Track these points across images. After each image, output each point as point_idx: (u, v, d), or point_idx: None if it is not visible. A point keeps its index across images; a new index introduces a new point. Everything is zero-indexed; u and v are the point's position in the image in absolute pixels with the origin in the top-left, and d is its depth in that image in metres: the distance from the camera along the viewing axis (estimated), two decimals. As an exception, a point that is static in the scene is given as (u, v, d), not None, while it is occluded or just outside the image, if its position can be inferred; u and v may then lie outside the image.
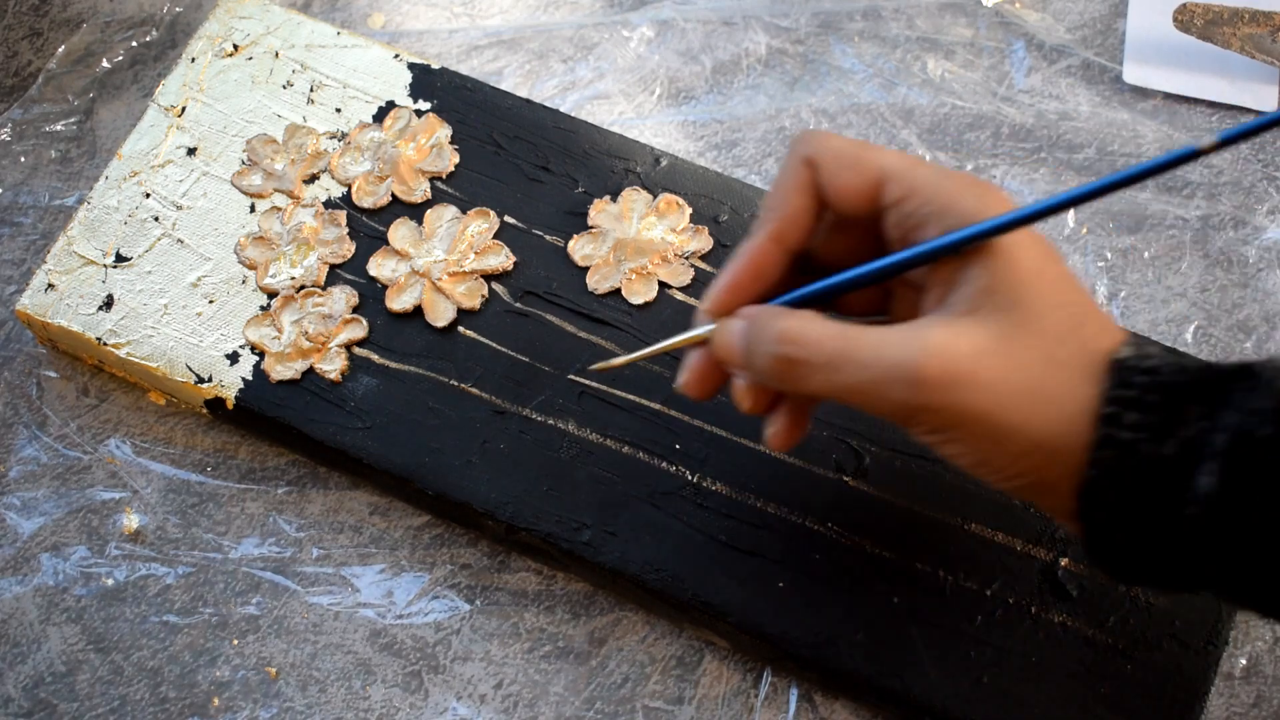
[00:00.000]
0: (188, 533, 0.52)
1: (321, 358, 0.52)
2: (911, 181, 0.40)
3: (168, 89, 0.57)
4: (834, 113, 0.60)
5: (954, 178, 0.40)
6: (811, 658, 0.47)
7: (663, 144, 0.59)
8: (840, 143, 0.41)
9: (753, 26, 0.62)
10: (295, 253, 0.54)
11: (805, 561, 0.48)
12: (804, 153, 0.42)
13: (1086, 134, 0.59)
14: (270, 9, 0.59)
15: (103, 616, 0.51)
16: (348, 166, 0.55)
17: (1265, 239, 0.57)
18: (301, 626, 0.51)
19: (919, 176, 0.40)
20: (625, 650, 0.50)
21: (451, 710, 0.49)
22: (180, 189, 0.55)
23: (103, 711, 0.50)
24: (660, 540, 0.49)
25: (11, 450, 0.54)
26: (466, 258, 0.53)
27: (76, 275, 0.54)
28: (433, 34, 0.62)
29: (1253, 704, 0.48)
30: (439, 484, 0.50)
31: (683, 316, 0.52)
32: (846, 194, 0.41)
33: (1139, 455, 0.36)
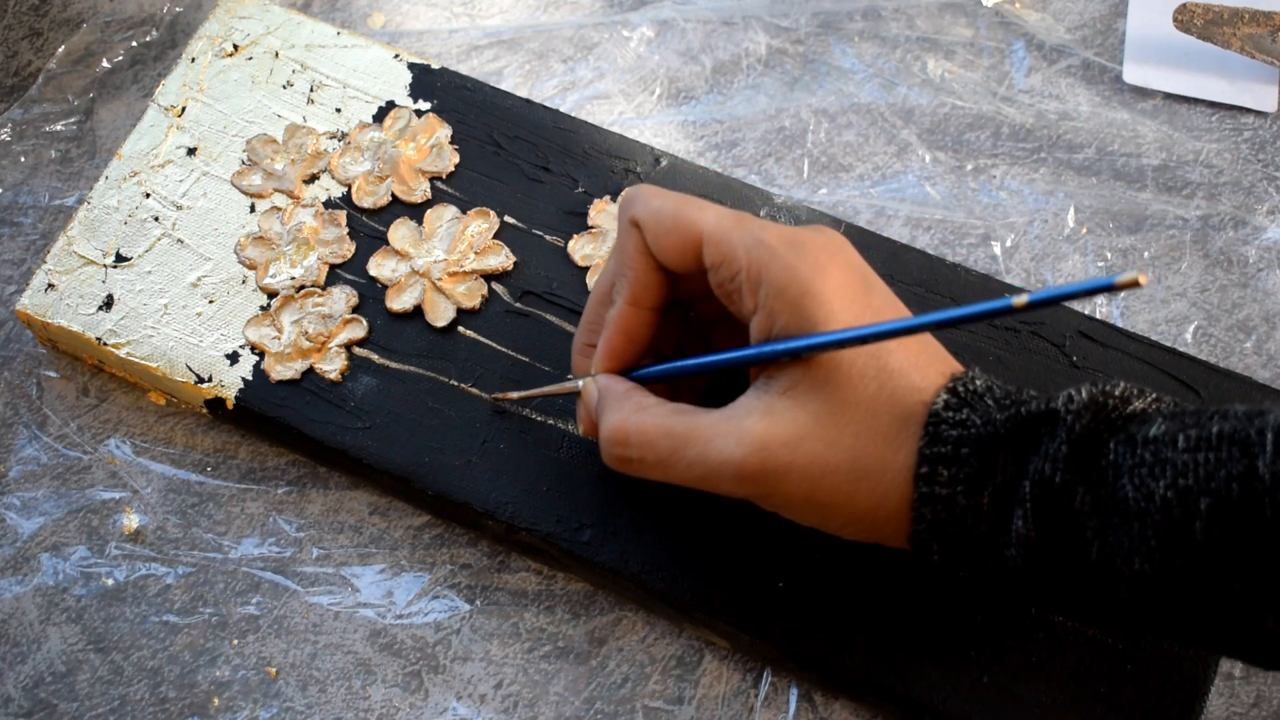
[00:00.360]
0: (188, 533, 0.52)
1: (321, 358, 0.52)
2: (725, 247, 0.41)
3: (168, 89, 0.57)
4: (834, 113, 0.60)
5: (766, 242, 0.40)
6: (811, 658, 0.47)
7: (663, 144, 0.59)
8: (660, 202, 0.42)
9: (753, 26, 0.62)
10: (295, 253, 0.54)
11: (805, 561, 0.48)
12: (629, 214, 0.43)
13: (1086, 134, 0.59)
14: (270, 9, 0.59)
15: (103, 616, 0.51)
16: (348, 166, 0.55)
17: (1265, 239, 0.57)
18: (301, 626, 0.51)
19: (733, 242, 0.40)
20: (625, 650, 0.50)
21: (451, 710, 0.49)
22: (180, 189, 0.55)
23: (103, 711, 0.50)
24: (660, 540, 0.49)
25: (11, 450, 0.54)
26: (466, 258, 0.53)
27: (76, 275, 0.54)
28: (433, 34, 0.62)
29: (1253, 704, 0.48)
30: (439, 484, 0.50)
31: (683, 316, 0.52)
32: (670, 255, 0.42)
33: (957, 506, 0.38)
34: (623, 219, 0.43)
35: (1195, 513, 0.34)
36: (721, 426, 0.40)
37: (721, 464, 0.39)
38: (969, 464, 0.37)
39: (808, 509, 0.40)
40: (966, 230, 0.57)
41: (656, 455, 0.41)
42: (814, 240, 0.40)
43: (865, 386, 0.39)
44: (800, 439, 0.39)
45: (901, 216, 0.57)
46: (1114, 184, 0.58)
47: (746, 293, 0.40)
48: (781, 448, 0.39)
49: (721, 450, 0.39)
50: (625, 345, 0.44)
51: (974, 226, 0.57)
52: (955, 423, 0.38)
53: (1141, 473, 0.35)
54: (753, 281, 0.40)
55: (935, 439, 0.38)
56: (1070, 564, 0.36)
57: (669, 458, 0.41)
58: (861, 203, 0.58)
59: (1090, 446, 0.36)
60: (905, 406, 0.39)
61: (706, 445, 0.40)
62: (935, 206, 0.58)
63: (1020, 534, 0.37)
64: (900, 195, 0.58)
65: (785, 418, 0.39)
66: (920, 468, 0.38)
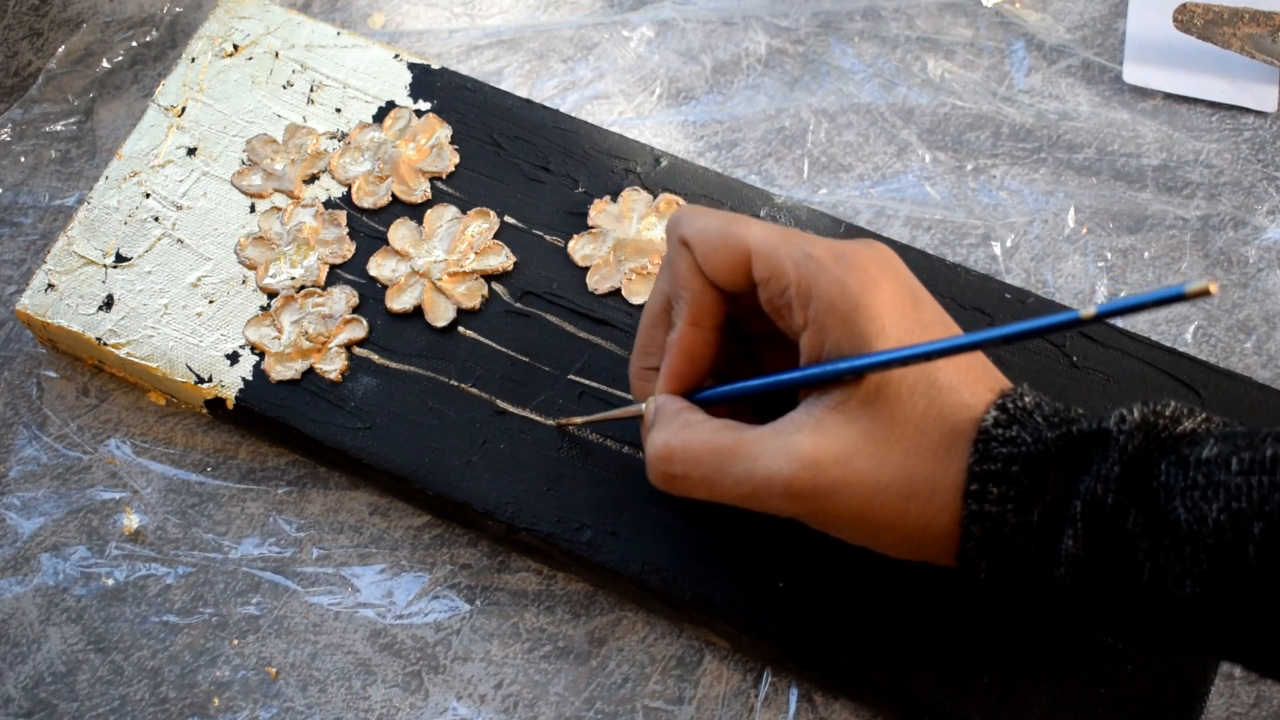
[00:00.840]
0: (188, 533, 0.52)
1: (321, 358, 0.52)
2: (774, 262, 0.40)
3: (168, 89, 0.57)
4: (834, 113, 0.60)
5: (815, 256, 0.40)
6: (811, 658, 0.47)
7: (663, 144, 0.59)
8: (707, 220, 0.42)
9: (753, 26, 0.62)
10: (295, 253, 0.54)
11: (805, 561, 0.48)
12: (678, 235, 0.43)
13: (1086, 134, 0.59)
14: (270, 9, 0.59)
15: (103, 616, 0.51)
16: (348, 166, 0.55)
17: (1265, 239, 0.57)
18: (301, 626, 0.51)
19: (780, 256, 0.40)
20: (625, 650, 0.50)
21: (451, 710, 0.49)
22: (180, 189, 0.55)
23: (103, 711, 0.50)
24: (660, 540, 0.49)
25: (11, 450, 0.54)
26: (466, 258, 0.53)
27: (76, 275, 0.54)
28: (433, 34, 0.62)
29: (1253, 704, 0.48)
30: (439, 484, 0.50)
31: (683, 316, 0.52)
32: (721, 273, 0.42)
33: (1007, 524, 0.37)
34: (671, 240, 0.43)
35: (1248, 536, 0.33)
36: (769, 443, 0.39)
37: (769, 480, 0.39)
38: (1019, 481, 0.37)
39: (857, 527, 0.39)
40: (966, 230, 0.57)
41: (702, 472, 0.40)
42: (863, 254, 0.40)
43: (915, 403, 0.38)
44: (850, 456, 0.38)
45: (901, 216, 0.57)
46: (1114, 184, 0.58)
47: (796, 308, 0.40)
48: (831, 464, 0.38)
49: (769, 467, 0.39)
50: (689, 367, 0.43)
51: (974, 226, 0.57)
52: (1005, 440, 0.38)
53: (1194, 495, 0.35)
54: (802, 296, 0.40)
55: (985, 456, 0.38)
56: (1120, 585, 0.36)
57: (714, 474, 0.40)
58: (861, 203, 0.58)
59: (1142, 467, 0.36)
60: (955, 423, 0.38)
61: (754, 462, 0.39)
62: (935, 206, 0.58)
63: (1070, 553, 0.36)
64: (900, 195, 0.58)
65: (835, 434, 0.39)
66: (970, 485, 0.38)
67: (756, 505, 0.40)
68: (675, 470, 0.41)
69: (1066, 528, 0.36)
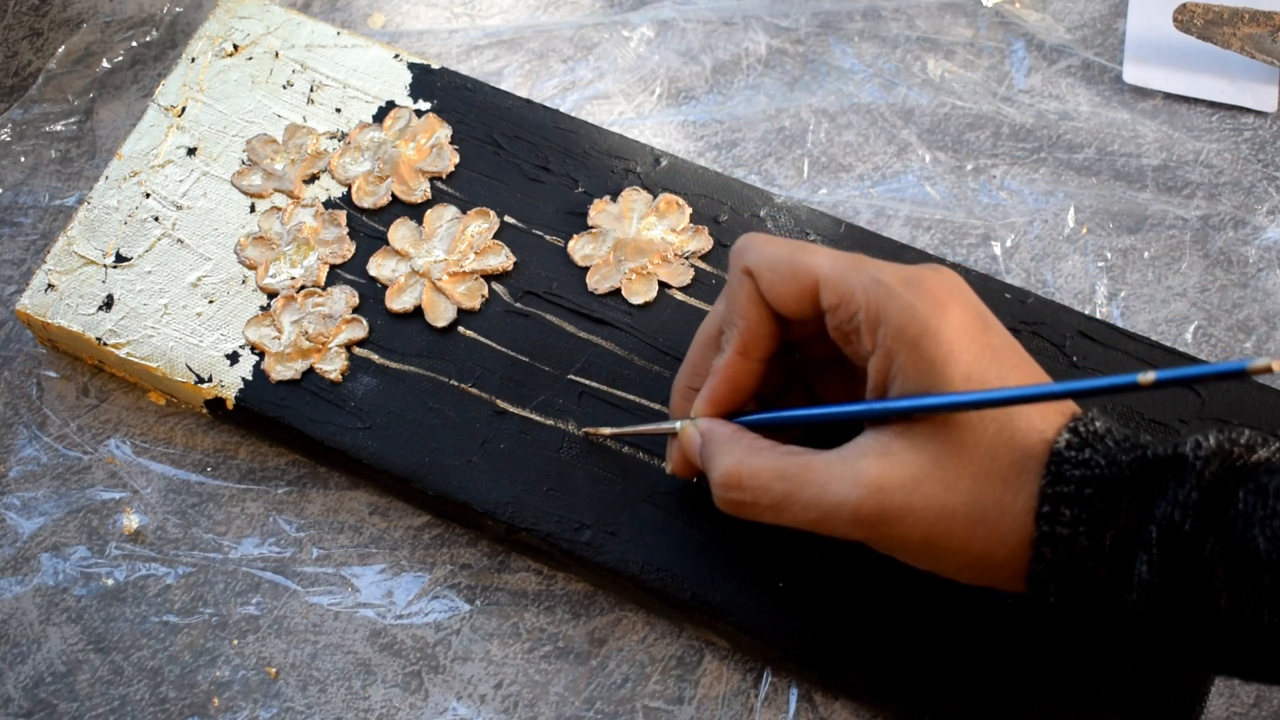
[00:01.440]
0: (188, 533, 0.52)
1: (321, 358, 0.52)
2: (843, 289, 0.40)
3: (168, 89, 0.57)
4: (834, 113, 0.60)
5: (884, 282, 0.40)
6: (811, 658, 0.47)
7: (663, 144, 0.59)
8: (774, 249, 0.42)
9: (753, 26, 0.62)
10: (295, 253, 0.54)
11: (805, 561, 0.48)
12: (742, 264, 0.43)
13: (1086, 134, 0.59)
14: (270, 9, 0.59)
15: (103, 616, 0.51)
16: (348, 166, 0.55)
17: (1265, 239, 0.57)
18: (301, 626, 0.51)
19: (849, 283, 0.40)
20: (625, 650, 0.50)
21: (451, 710, 0.49)
22: (180, 189, 0.55)
23: (103, 711, 0.50)
24: (660, 540, 0.49)
25: (11, 450, 0.54)
26: (466, 258, 0.53)
27: (76, 275, 0.54)
28: (433, 34, 0.62)
29: (1253, 704, 0.48)
30: (439, 484, 0.50)
31: (683, 317, 0.52)
32: (786, 302, 0.42)
33: (1078, 548, 0.37)
34: (735, 267, 0.43)
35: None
36: (836, 469, 0.39)
37: (837, 506, 0.39)
38: (1092, 504, 0.37)
39: (923, 552, 0.39)
40: (966, 230, 0.57)
41: (771, 499, 0.40)
42: (931, 278, 0.40)
43: (985, 428, 0.38)
44: (917, 481, 0.38)
45: (901, 216, 0.57)
46: (1114, 184, 0.58)
47: (865, 333, 0.40)
48: (898, 490, 0.38)
49: (837, 493, 0.39)
50: (730, 394, 0.44)
51: (974, 226, 0.57)
52: (1078, 462, 0.37)
53: (1274, 524, 0.34)
54: (871, 321, 0.39)
55: (1058, 478, 0.37)
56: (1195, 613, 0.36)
57: (783, 501, 0.40)
58: (861, 203, 0.58)
59: (1219, 494, 0.36)
60: (1025, 447, 0.38)
61: (822, 488, 0.39)
62: (935, 206, 0.58)
63: (1144, 579, 0.36)
64: (900, 195, 0.58)
65: (902, 459, 0.39)
66: (1042, 507, 0.37)
67: (823, 530, 0.40)
68: (744, 497, 0.41)
69: (1140, 553, 0.36)
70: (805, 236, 0.53)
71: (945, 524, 0.38)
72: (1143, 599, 0.36)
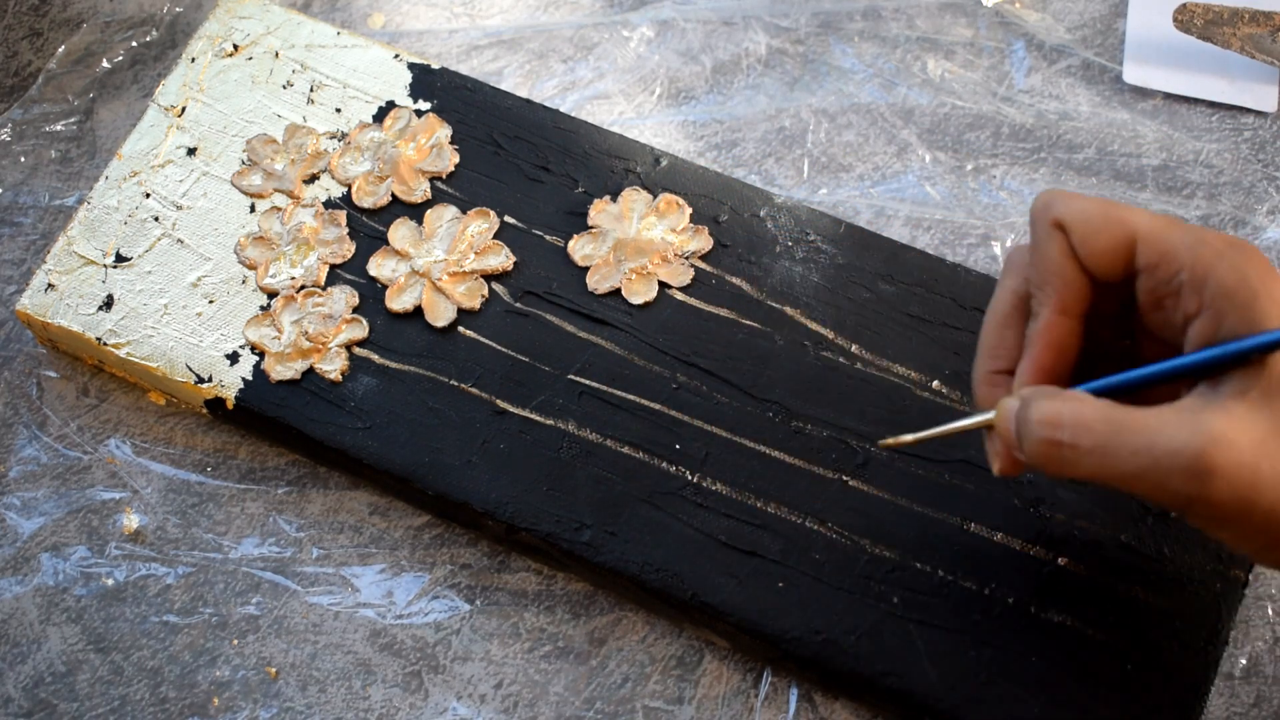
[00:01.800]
0: (188, 533, 0.52)
1: (321, 358, 0.52)
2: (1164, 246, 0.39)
3: (168, 89, 0.57)
4: (834, 113, 0.60)
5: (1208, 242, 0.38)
6: (811, 658, 0.47)
7: (663, 144, 0.59)
8: (1087, 204, 0.40)
9: (753, 26, 0.62)
10: (295, 253, 0.54)
11: (805, 561, 0.48)
12: (1052, 216, 0.40)
13: (1086, 134, 0.59)
14: (270, 9, 0.59)
15: (103, 616, 0.51)
16: (348, 166, 0.55)
17: (1265, 239, 0.57)
18: (301, 626, 0.51)
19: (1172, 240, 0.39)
20: (625, 650, 0.50)
21: (451, 710, 0.49)
22: (180, 189, 0.55)
23: (103, 711, 0.50)
24: (660, 540, 0.49)
25: (11, 450, 0.54)
26: (466, 258, 0.53)
27: (76, 275, 0.54)
28: (433, 34, 0.62)
29: (1253, 704, 0.48)
30: (439, 484, 0.50)
31: (683, 317, 0.52)
32: (1101, 258, 0.40)
33: None
34: (1041, 223, 0.41)
35: None
36: (1172, 417, 0.37)
37: (1174, 454, 0.36)
38: None
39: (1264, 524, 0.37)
40: (966, 230, 0.57)
41: (1094, 439, 0.38)
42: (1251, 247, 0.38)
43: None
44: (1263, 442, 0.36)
45: (901, 216, 0.57)
46: (1114, 184, 0.58)
47: (1189, 294, 0.38)
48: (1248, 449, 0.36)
49: (1173, 439, 0.36)
50: (1057, 359, 0.41)
51: (974, 226, 0.57)
52: None
53: None
54: (1197, 281, 0.38)
55: None
56: None
57: (1108, 443, 0.37)
58: (861, 203, 0.58)
59: None
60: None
61: (1155, 434, 0.37)
62: (935, 206, 0.58)
63: None
64: (900, 195, 0.58)
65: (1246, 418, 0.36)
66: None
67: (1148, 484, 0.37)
68: (1063, 436, 0.38)
69: None
70: (805, 236, 0.53)
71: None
72: None
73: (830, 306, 0.52)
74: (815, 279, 0.53)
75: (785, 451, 0.50)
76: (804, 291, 0.52)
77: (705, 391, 0.51)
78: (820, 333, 0.52)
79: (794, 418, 0.50)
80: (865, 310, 0.52)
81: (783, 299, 0.52)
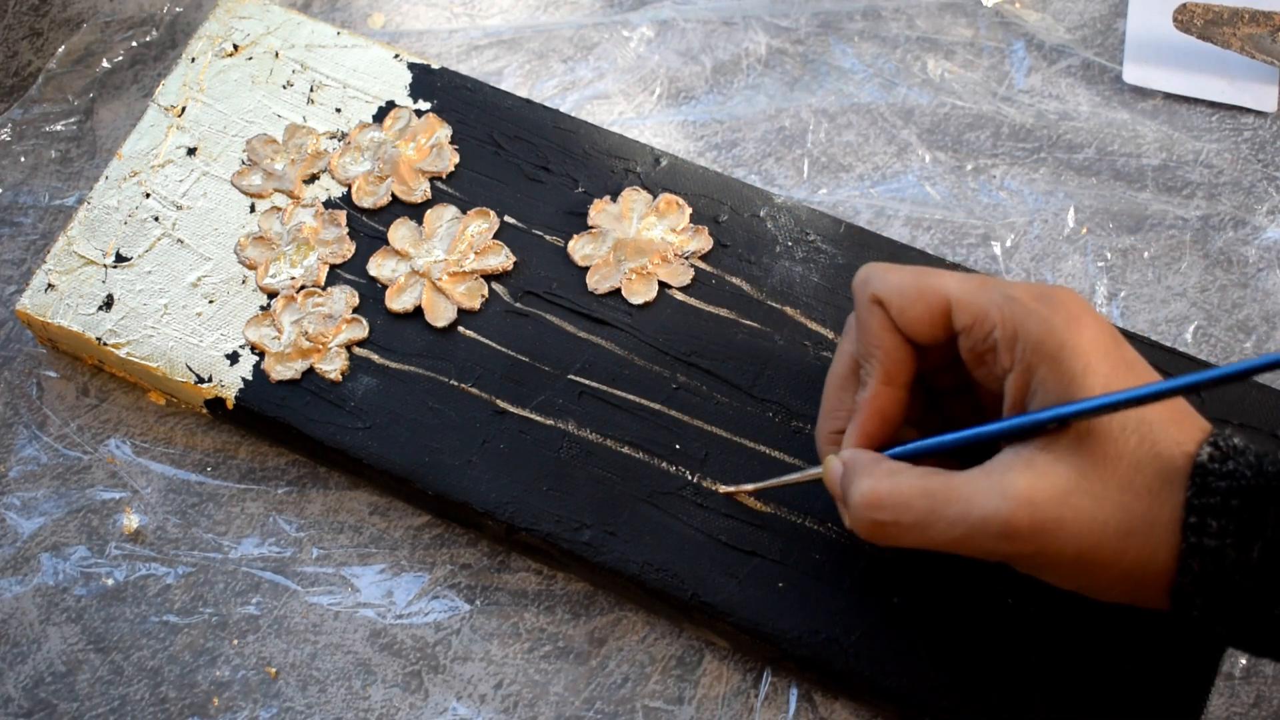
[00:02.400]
0: (188, 533, 0.52)
1: (321, 358, 0.52)
2: (976, 308, 0.41)
3: (168, 89, 0.57)
4: (834, 113, 0.60)
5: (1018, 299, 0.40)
6: (811, 658, 0.47)
7: (663, 144, 0.59)
8: (901, 276, 0.42)
9: (753, 26, 0.62)
10: (295, 253, 0.54)
11: (805, 561, 0.48)
12: (870, 292, 0.43)
13: (1086, 134, 0.59)
14: (270, 9, 0.59)
15: (103, 616, 0.51)
16: (348, 166, 0.55)
17: (1265, 239, 0.57)
18: (301, 626, 0.51)
19: (982, 302, 0.40)
20: (625, 650, 0.50)
21: (451, 710, 0.49)
22: (180, 189, 0.55)
23: (103, 711, 0.50)
24: (660, 540, 0.49)
25: (11, 450, 0.54)
26: (466, 258, 0.53)
27: (76, 275, 0.54)
28: (433, 34, 0.62)
29: (1253, 704, 0.48)
30: (439, 484, 0.50)
31: (683, 317, 0.52)
32: (918, 326, 0.42)
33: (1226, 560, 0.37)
34: (861, 298, 0.43)
35: None
36: (982, 483, 0.39)
37: (985, 520, 0.38)
38: (1239, 516, 0.37)
39: (1073, 567, 0.39)
40: (966, 230, 0.57)
41: (913, 516, 0.40)
42: (1061, 294, 0.40)
43: (1127, 440, 0.38)
44: (1067, 493, 0.38)
45: (901, 216, 0.57)
46: (1114, 184, 0.58)
47: (1002, 350, 0.40)
48: (1049, 502, 0.38)
49: (984, 506, 0.38)
50: (880, 426, 0.43)
51: (974, 226, 0.57)
52: (1223, 474, 0.37)
53: None
54: (1008, 339, 0.40)
55: (1203, 490, 0.37)
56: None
57: (926, 518, 0.40)
58: (861, 203, 0.58)
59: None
60: (1167, 460, 0.38)
61: (967, 503, 0.39)
62: (935, 206, 0.58)
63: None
64: (900, 195, 0.58)
65: (1049, 471, 0.38)
66: (1189, 518, 0.37)
67: (969, 548, 0.40)
68: (884, 517, 0.41)
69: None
70: (805, 236, 0.53)
71: (1096, 535, 0.38)
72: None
73: (830, 306, 0.52)
74: (815, 279, 0.53)
75: (785, 451, 0.50)
76: (804, 291, 0.52)
77: (705, 391, 0.51)
78: (820, 333, 0.52)
79: (794, 418, 0.50)
80: (865, 310, 0.52)
81: (783, 299, 0.52)
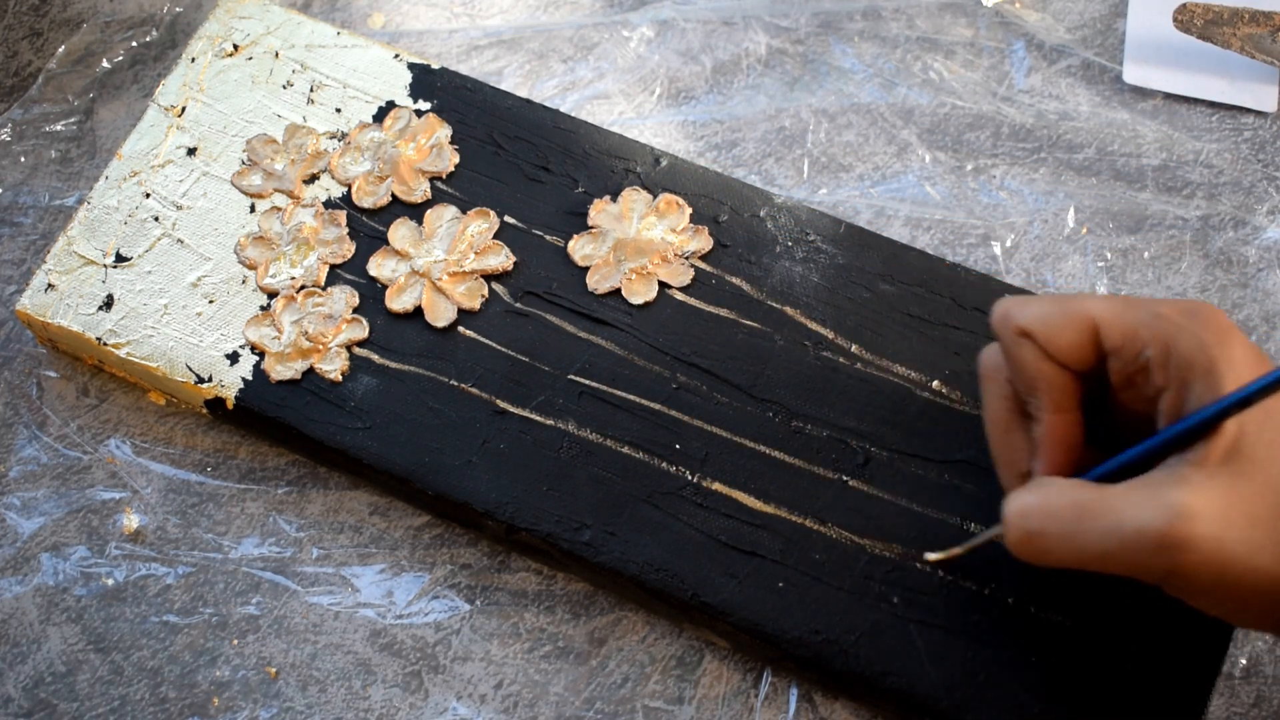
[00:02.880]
0: (188, 533, 0.52)
1: (321, 358, 0.52)
2: (1125, 327, 0.40)
3: (168, 89, 0.57)
4: (834, 113, 0.60)
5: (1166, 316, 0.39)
6: (811, 658, 0.47)
7: (663, 144, 0.59)
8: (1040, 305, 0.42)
9: (753, 26, 0.62)
10: (295, 253, 0.54)
11: (805, 561, 0.48)
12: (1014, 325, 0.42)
13: (1086, 134, 0.59)
14: (270, 9, 0.59)
15: (103, 616, 0.51)
16: (348, 166, 0.55)
17: (1265, 239, 0.57)
18: (301, 626, 0.51)
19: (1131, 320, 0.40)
20: (625, 650, 0.50)
21: (451, 710, 0.49)
22: (180, 189, 0.55)
23: (103, 711, 0.50)
24: (660, 540, 0.49)
25: (11, 450, 0.54)
26: (466, 258, 0.53)
27: (76, 275, 0.54)
28: (433, 34, 0.62)
29: (1253, 704, 0.48)
30: (439, 484, 0.50)
31: (683, 317, 0.52)
32: (1070, 352, 0.41)
33: None
34: (1005, 334, 0.42)
35: None
36: (1135, 496, 0.38)
37: (1139, 533, 0.37)
38: None
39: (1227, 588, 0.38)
40: (966, 230, 0.57)
41: (1061, 526, 0.39)
42: (1206, 310, 0.39)
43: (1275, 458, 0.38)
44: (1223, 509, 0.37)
45: (901, 216, 0.57)
46: (1114, 184, 0.58)
47: (1155, 369, 0.39)
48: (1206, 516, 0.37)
49: (1138, 518, 0.37)
50: (1066, 455, 0.42)
51: (974, 226, 0.57)
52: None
53: None
54: (1161, 357, 0.39)
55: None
56: None
57: (1075, 529, 0.39)
58: (861, 203, 0.58)
59: None
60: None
61: (1119, 515, 0.38)
62: (935, 206, 0.58)
63: None
64: (900, 195, 0.58)
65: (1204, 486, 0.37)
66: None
67: (1120, 564, 0.39)
68: (1031, 525, 0.40)
69: None
70: (805, 236, 0.53)
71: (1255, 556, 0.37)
72: None
73: (830, 306, 0.52)
74: (815, 279, 0.53)
75: (785, 451, 0.50)
76: (804, 291, 0.52)
77: (705, 391, 0.51)
78: (820, 333, 0.52)
79: (794, 418, 0.50)
80: (865, 310, 0.52)
81: (783, 299, 0.52)
